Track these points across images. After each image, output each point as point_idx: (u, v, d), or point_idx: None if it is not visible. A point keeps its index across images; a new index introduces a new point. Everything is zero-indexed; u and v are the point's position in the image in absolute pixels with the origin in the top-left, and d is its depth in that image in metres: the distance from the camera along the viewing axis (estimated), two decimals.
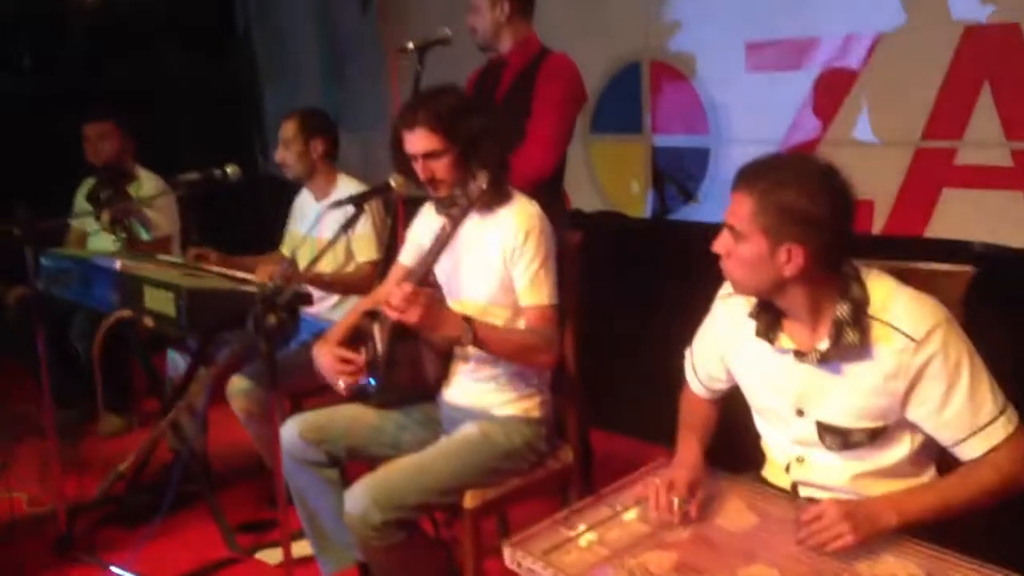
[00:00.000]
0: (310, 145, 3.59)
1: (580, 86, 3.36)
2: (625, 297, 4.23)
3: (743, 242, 1.81)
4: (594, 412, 3.54)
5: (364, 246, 3.46)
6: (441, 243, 2.25)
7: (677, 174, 4.22)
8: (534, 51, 3.40)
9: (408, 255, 2.77)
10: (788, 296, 1.83)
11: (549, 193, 2.92)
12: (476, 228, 2.53)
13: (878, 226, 3.53)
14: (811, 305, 1.83)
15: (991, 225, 3.24)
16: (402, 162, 2.56)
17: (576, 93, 3.32)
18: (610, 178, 4.49)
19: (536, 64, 3.33)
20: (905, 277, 1.89)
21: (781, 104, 3.79)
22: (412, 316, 2.21)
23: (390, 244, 3.09)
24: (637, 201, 4.37)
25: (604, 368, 3.52)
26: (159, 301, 2.80)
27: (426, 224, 2.72)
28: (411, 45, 3.19)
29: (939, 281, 1.98)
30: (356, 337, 2.62)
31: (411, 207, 2.92)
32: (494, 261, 2.47)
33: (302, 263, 3.63)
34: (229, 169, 3.34)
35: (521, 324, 2.51)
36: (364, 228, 3.46)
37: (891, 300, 1.79)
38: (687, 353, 2.24)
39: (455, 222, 2.19)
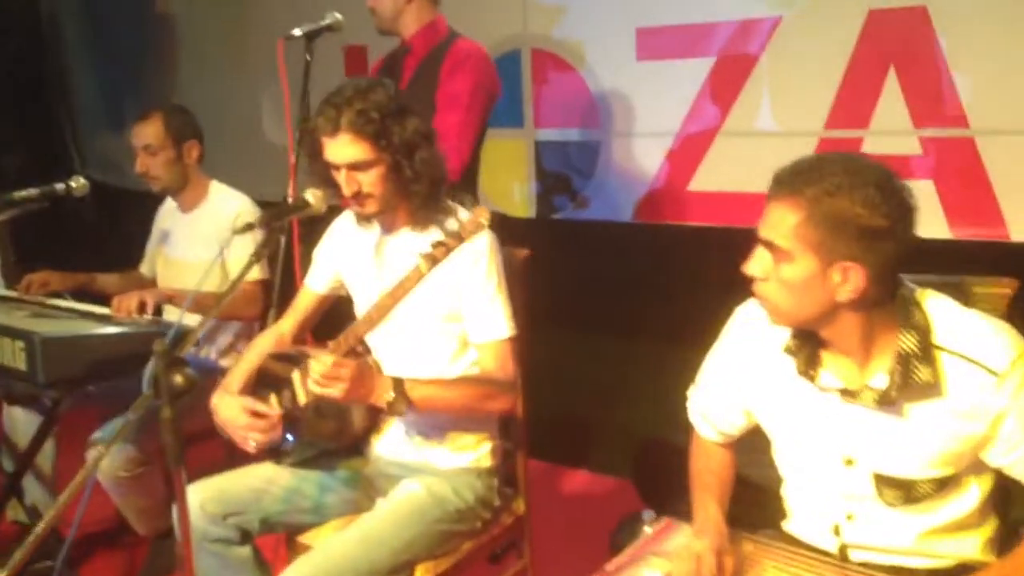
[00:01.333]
0: (183, 149, 3.10)
1: (492, 76, 3.04)
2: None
3: (787, 262, 1.53)
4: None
5: (242, 261, 2.97)
6: (405, 289, 1.87)
7: (564, 170, 3.96)
8: (440, 36, 3.06)
9: (319, 279, 2.39)
10: (838, 325, 1.57)
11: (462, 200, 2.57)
12: (407, 244, 2.18)
13: None
14: (864, 334, 1.57)
15: None
16: (319, 173, 2.16)
17: (486, 84, 2.99)
18: (490, 176, 4.17)
19: (441, 51, 2.99)
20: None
21: (676, 93, 3.60)
22: (337, 393, 1.89)
23: (285, 263, 2.65)
24: (519, 201, 4.09)
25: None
26: (3, 351, 2.29)
27: (342, 243, 2.33)
28: (298, 31, 2.77)
29: (976, 301, 1.78)
30: (264, 384, 2.21)
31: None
32: (433, 286, 2.12)
33: (167, 283, 3.19)
34: (74, 183, 2.83)
35: (464, 359, 2.18)
36: (243, 240, 3.01)
37: (959, 326, 1.55)
38: (690, 393, 1.96)
39: (433, 263, 1.82)
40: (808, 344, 1.62)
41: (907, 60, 3.09)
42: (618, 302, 3.71)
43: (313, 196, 2.15)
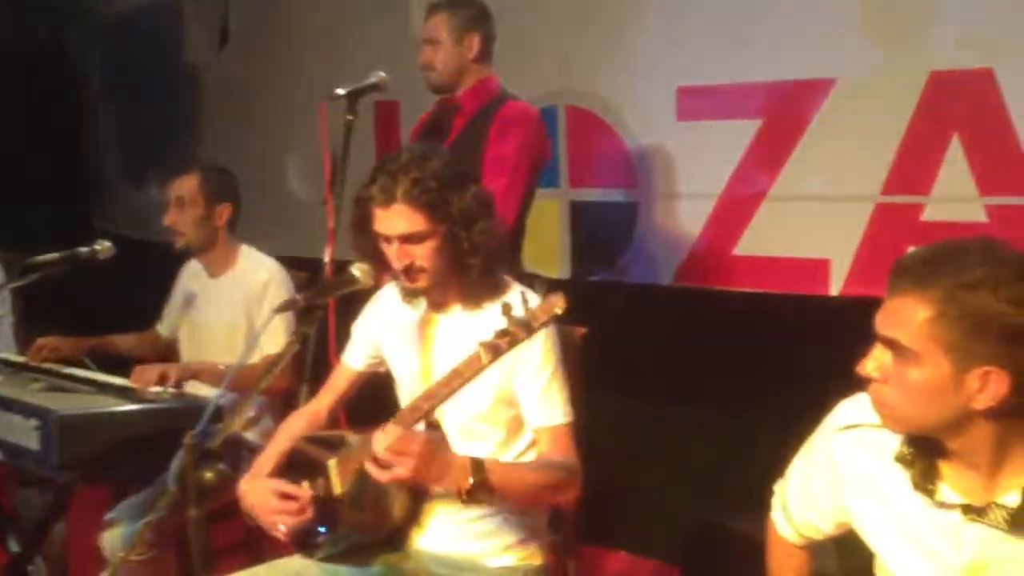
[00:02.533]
0: (215, 211, 2.94)
1: (541, 139, 2.90)
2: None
3: (913, 364, 1.35)
4: None
5: (275, 334, 2.82)
6: (465, 379, 1.69)
7: (601, 231, 3.81)
8: (492, 95, 2.92)
9: (358, 355, 2.22)
10: (968, 436, 1.37)
11: (508, 269, 2.40)
12: (459, 326, 2.02)
13: (835, 288, 3.23)
14: (998, 446, 1.37)
15: None
16: (366, 244, 2.01)
17: (535, 147, 2.85)
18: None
19: (491, 111, 2.85)
20: None
21: (719, 154, 3.46)
22: (404, 472, 1.68)
23: (319, 336, 2.48)
24: (553, 261, 3.92)
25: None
26: (15, 429, 2.12)
27: (385, 318, 2.16)
28: (341, 91, 2.63)
29: None
30: (295, 468, 2.03)
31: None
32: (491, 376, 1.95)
33: (192, 351, 3.03)
34: (99, 246, 2.68)
35: (520, 447, 2.00)
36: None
37: None
38: (778, 488, 1.78)
39: (496, 354, 1.64)
40: (926, 453, 1.43)
41: (972, 124, 2.94)
42: (662, 370, 3.52)
43: (360, 271, 1.99)
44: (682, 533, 3.20)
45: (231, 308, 2.89)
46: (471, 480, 1.72)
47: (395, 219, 1.93)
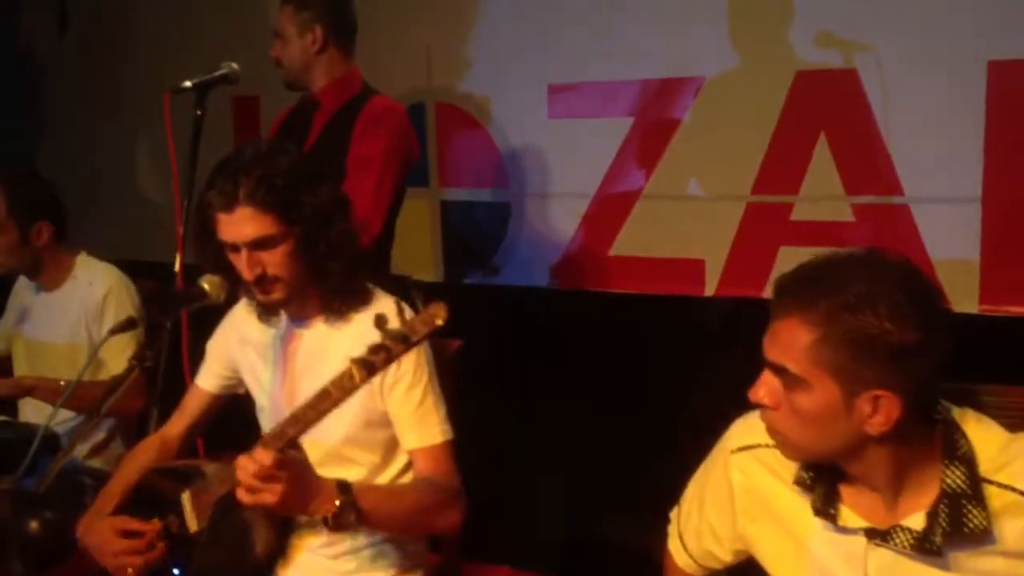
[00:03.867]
0: (31, 232, 2.64)
1: (409, 137, 2.76)
2: None
3: (802, 390, 1.28)
4: None
5: (120, 351, 2.57)
6: (335, 400, 1.53)
7: (473, 232, 3.70)
8: (353, 91, 2.76)
9: (212, 376, 2.05)
10: (866, 461, 1.30)
11: (374, 273, 2.25)
12: (324, 340, 1.87)
13: (710, 288, 3.22)
14: (898, 469, 1.31)
15: None
16: (213, 255, 1.82)
17: (403, 146, 2.70)
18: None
19: (354, 108, 2.69)
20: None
21: (592, 153, 3.40)
22: (271, 497, 1.52)
23: (171, 354, 2.27)
24: (425, 264, 3.80)
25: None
26: None
27: (240, 335, 1.99)
28: (189, 83, 2.42)
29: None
30: (144, 503, 1.85)
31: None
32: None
33: (28, 371, 2.74)
34: None
35: (396, 470, 1.87)
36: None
37: (1008, 453, 1.31)
38: (673, 515, 1.69)
39: (370, 373, 1.49)
40: (825, 477, 1.37)
41: (838, 124, 2.96)
42: (540, 375, 3.43)
43: (210, 284, 1.82)
44: (566, 544, 3.13)
45: (69, 325, 2.64)
46: (337, 503, 1.58)
47: (240, 224, 1.76)
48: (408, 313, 1.51)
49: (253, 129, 4.03)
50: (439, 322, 1.42)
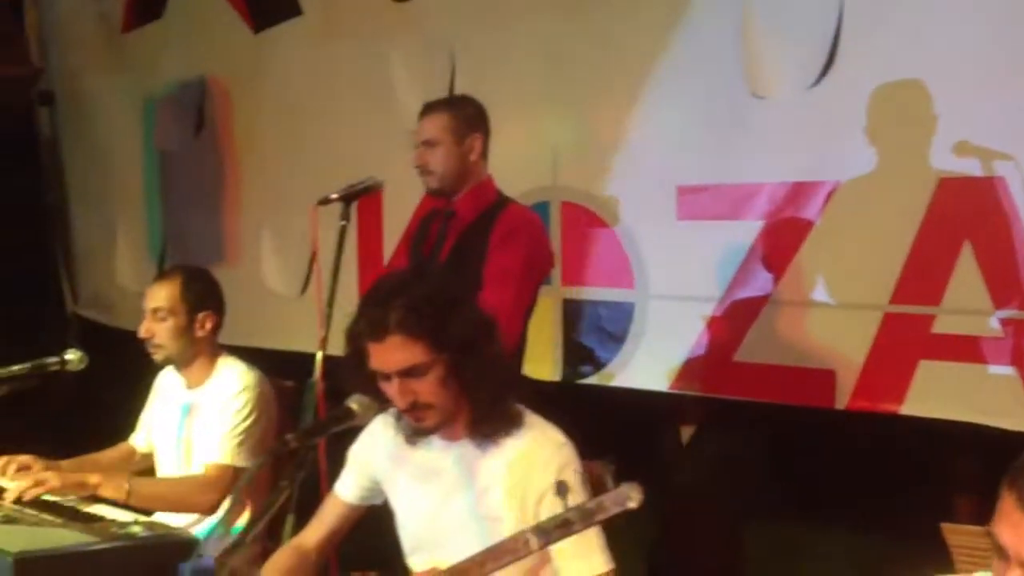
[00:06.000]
0: (196, 320, 2.71)
1: (546, 248, 2.76)
2: None
3: None
4: None
5: (221, 442, 2.60)
6: (511, 559, 1.50)
7: (594, 332, 3.66)
8: (490, 199, 2.77)
9: (351, 487, 2.05)
10: None
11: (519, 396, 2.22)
12: (469, 460, 1.85)
13: (841, 400, 3.10)
14: None
15: (979, 403, 2.85)
16: (362, 379, 1.83)
17: (539, 258, 2.70)
18: None
19: (490, 217, 2.70)
20: None
21: (720, 257, 3.34)
22: None
23: (312, 463, 2.26)
24: (544, 362, 3.76)
25: None
26: None
27: (383, 448, 1.98)
28: (335, 195, 2.47)
29: None
30: None
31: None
32: (500, 513, 1.78)
33: (164, 467, 2.80)
34: (70, 355, 2.47)
35: None
36: (235, 417, 2.61)
37: None
38: None
39: (547, 543, 1.44)
40: None
41: (983, 233, 2.85)
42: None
43: (359, 405, 1.81)
44: None
45: (206, 425, 2.67)
46: None
47: (391, 352, 1.77)
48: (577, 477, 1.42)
49: (375, 220, 4.09)
50: (633, 505, 1.37)
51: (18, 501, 2.35)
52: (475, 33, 3.87)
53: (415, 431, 1.88)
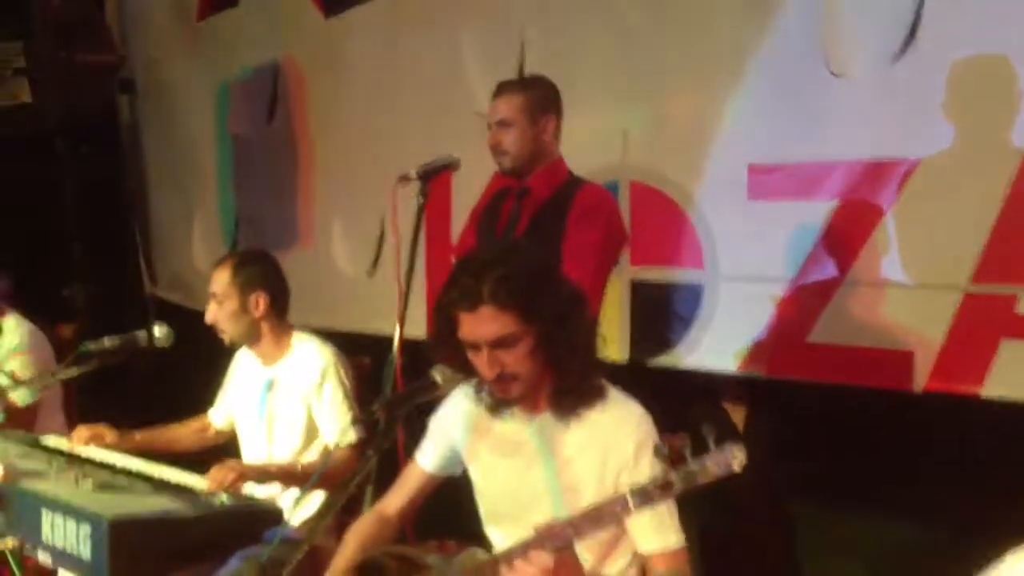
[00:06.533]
0: (249, 301, 2.78)
1: (620, 225, 2.76)
2: None
3: None
4: None
5: (336, 424, 2.66)
6: (609, 520, 1.52)
7: (662, 313, 3.64)
8: (562, 178, 2.78)
9: (432, 456, 2.09)
10: None
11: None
12: (549, 432, 1.86)
13: (919, 382, 3.04)
14: None
15: None
16: (449, 350, 1.85)
17: (617, 235, 2.70)
18: None
19: (566, 196, 2.70)
20: None
21: (792, 237, 3.29)
22: None
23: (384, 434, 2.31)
24: (611, 344, 3.75)
25: None
26: (64, 534, 1.95)
27: (463, 419, 2.01)
28: (414, 173, 2.51)
29: None
30: None
31: None
32: (579, 485, 1.79)
33: (247, 443, 2.88)
34: (158, 330, 2.54)
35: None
36: (334, 399, 2.69)
37: None
38: None
39: (646, 504, 1.46)
40: None
41: None
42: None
43: (442, 376, 1.84)
44: None
45: (288, 400, 2.74)
46: None
47: (483, 323, 1.79)
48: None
49: (444, 204, 4.12)
50: (736, 468, 1.37)
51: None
52: (545, 14, 3.87)
53: (498, 402, 1.90)
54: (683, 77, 3.54)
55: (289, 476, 2.57)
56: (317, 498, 2.55)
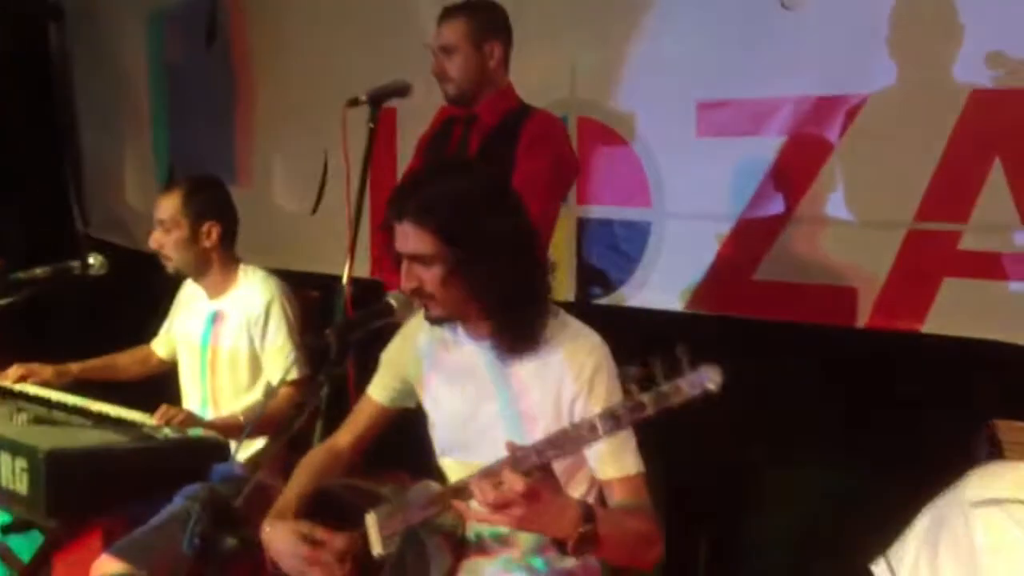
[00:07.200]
0: (200, 230, 2.70)
1: (571, 154, 2.70)
2: None
3: None
4: None
5: (275, 359, 2.60)
6: (579, 446, 1.49)
7: (609, 252, 3.62)
8: (511, 106, 2.72)
9: (386, 389, 2.03)
10: None
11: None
12: (504, 363, 1.84)
13: (862, 318, 3.07)
14: None
15: (1005, 321, 2.83)
16: (396, 265, 1.81)
17: (568, 163, 2.65)
18: None
19: (514, 124, 2.65)
20: None
21: (739, 174, 3.29)
22: (511, 518, 1.50)
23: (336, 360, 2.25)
24: (558, 282, 3.72)
25: None
26: (3, 471, 1.87)
27: (418, 349, 1.96)
28: (363, 96, 2.43)
29: None
30: (322, 514, 1.82)
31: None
32: (534, 413, 1.76)
33: (188, 377, 2.79)
34: (92, 259, 2.45)
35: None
36: (278, 334, 2.63)
37: None
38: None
39: (617, 428, 1.43)
40: None
41: (1016, 149, 2.80)
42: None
43: (397, 301, 1.79)
44: None
45: (232, 332, 2.67)
46: (581, 530, 1.53)
47: (404, 237, 1.78)
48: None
49: (389, 142, 4.03)
50: (712, 388, 1.32)
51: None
52: None
53: (427, 318, 1.86)
54: (631, 9, 3.48)
55: (233, 428, 2.50)
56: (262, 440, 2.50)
